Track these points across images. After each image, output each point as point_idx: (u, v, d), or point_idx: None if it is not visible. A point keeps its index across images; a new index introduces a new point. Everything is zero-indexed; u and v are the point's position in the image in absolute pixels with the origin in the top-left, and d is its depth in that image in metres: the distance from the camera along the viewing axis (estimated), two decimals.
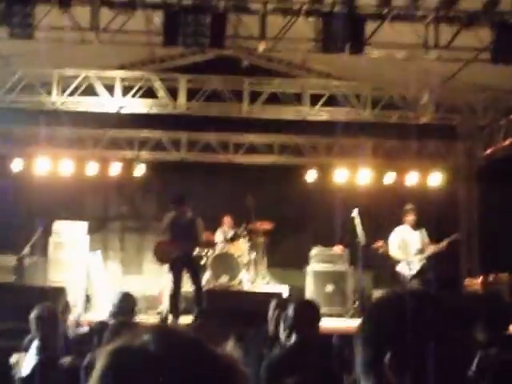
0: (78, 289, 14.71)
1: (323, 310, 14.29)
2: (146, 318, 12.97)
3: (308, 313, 6.32)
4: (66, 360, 6.56)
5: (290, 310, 6.28)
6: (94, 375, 1.36)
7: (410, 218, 13.34)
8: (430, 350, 1.75)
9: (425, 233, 13.43)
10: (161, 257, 13.02)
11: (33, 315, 6.59)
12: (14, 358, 6.84)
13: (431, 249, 13.30)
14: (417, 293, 2.05)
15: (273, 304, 7.00)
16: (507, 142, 15.49)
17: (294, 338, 6.04)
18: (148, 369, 1.33)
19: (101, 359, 1.37)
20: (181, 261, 12.61)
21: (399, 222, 13.57)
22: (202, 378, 1.36)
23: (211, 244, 15.19)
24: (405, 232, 13.33)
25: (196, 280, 12.81)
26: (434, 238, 13.64)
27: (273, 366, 5.74)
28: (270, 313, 7.11)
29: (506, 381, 5.25)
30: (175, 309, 12.62)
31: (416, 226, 13.37)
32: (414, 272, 13.15)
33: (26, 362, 6.40)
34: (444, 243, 13.31)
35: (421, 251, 13.19)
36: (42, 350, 6.20)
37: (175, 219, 12.88)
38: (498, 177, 16.16)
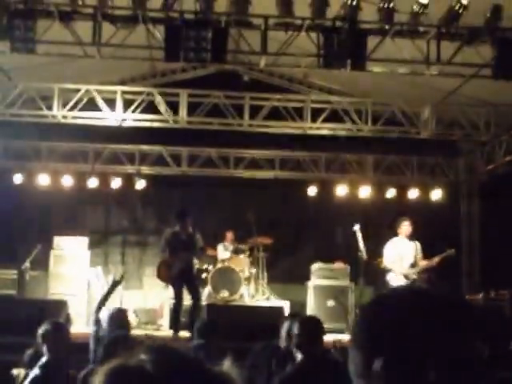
0: (79, 302, 14.72)
1: (325, 325, 14.34)
2: (147, 332, 13.01)
3: (313, 329, 6.32)
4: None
5: (296, 327, 6.27)
6: None
7: (405, 229, 13.20)
8: (428, 362, 1.52)
9: (419, 246, 13.22)
10: (164, 278, 13.18)
11: (42, 331, 6.47)
12: (15, 371, 6.78)
13: (423, 264, 13.17)
14: (421, 291, 1.78)
15: (286, 318, 6.99)
16: (508, 158, 15.48)
17: (299, 355, 6.02)
18: None
19: (97, 378, 1.34)
20: (181, 274, 12.71)
21: (395, 234, 13.49)
22: None
23: (212, 257, 15.21)
24: (399, 244, 13.21)
25: (195, 292, 12.87)
26: (436, 253, 13.58)
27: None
28: (283, 328, 7.06)
29: None
30: (175, 323, 12.66)
31: (411, 237, 13.24)
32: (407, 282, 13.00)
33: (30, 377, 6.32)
34: (437, 259, 13.18)
35: (413, 265, 13.09)
36: (49, 366, 6.13)
37: (176, 234, 13.01)
38: (500, 192, 16.15)
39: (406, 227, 13.18)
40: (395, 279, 12.98)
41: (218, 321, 10.29)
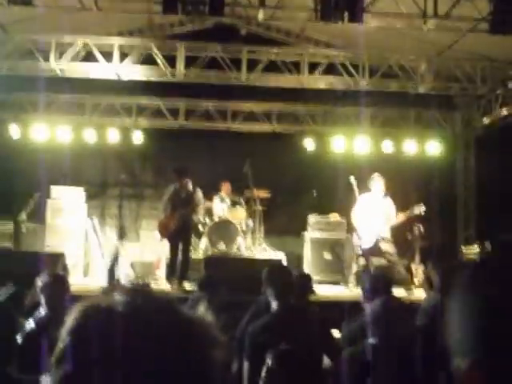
0: (76, 254, 14.84)
1: (321, 277, 14.55)
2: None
3: (287, 280, 6.45)
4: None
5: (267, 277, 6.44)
6: (64, 331, 1.36)
7: (377, 184, 13.08)
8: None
9: (391, 202, 13.01)
10: (163, 234, 13.37)
11: (40, 283, 6.45)
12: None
13: (390, 223, 13.05)
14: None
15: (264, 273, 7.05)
16: (504, 112, 15.55)
17: (275, 305, 6.13)
18: (112, 328, 1.31)
19: (72, 315, 1.36)
20: (178, 232, 12.94)
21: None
22: (169, 340, 1.33)
23: (208, 209, 15.29)
24: (370, 201, 13.16)
25: (186, 250, 13.07)
26: (432, 206, 13.64)
27: (255, 333, 5.79)
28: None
29: None
30: (171, 277, 12.86)
31: (383, 194, 13.11)
32: (367, 247, 12.96)
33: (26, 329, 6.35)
34: (404, 216, 13.06)
35: (380, 224, 12.94)
36: (47, 319, 6.13)
37: (176, 192, 13.19)
38: (496, 145, 16.23)
39: (376, 183, 13.02)
40: (359, 239, 13.00)
41: (216, 273, 10.44)
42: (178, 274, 12.66)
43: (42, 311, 6.23)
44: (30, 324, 6.13)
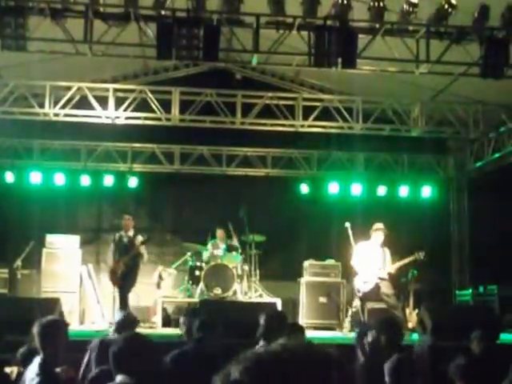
0: (72, 300, 14.77)
1: (317, 322, 14.48)
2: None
3: (277, 323, 6.49)
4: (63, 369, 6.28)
5: (262, 320, 6.62)
6: (235, 372, 1.66)
7: (378, 235, 13.21)
8: None
9: (388, 253, 13.19)
10: (113, 281, 13.95)
11: (37, 329, 6.27)
12: (8, 369, 6.64)
13: (390, 269, 13.14)
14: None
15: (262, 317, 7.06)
16: (497, 155, 15.62)
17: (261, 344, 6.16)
18: (279, 372, 1.63)
19: (241, 360, 1.68)
20: (124, 277, 13.73)
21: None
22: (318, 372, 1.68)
23: (205, 258, 15.35)
24: (369, 248, 13.25)
25: (123, 296, 13.61)
26: (426, 249, 13.65)
27: None
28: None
29: None
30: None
31: (381, 244, 13.23)
32: (367, 289, 13.10)
33: (26, 376, 6.17)
34: (402, 263, 13.17)
35: (380, 270, 13.05)
36: (45, 366, 5.94)
37: (120, 238, 14.11)
38: (488, 189, 16.29)
39: (377, 235, 13.17)
40: (360, 281, 13.07)
41: (212, 317, 10.36)
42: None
43: (39, 358, 6.06)
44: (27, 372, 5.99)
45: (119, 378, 4.45)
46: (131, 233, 14.09)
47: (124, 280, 13.66)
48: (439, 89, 14.31)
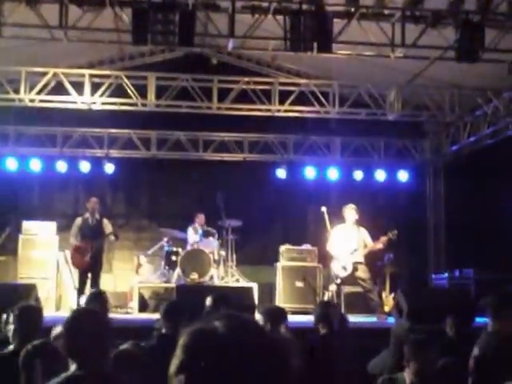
0: (49, 286, 14.74)
1: (293, 306, 14.53)
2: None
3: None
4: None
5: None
6: (177, 350, 1.68)
7: (351, 214, 13.36)
8: None
9: (364, 232, 13.40)
10: (77, 264, 13.93)
11: (13, 314, 6.19)
12: None
13: (366, 249, 13.30)
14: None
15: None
16: (472, 138, 15.72)
17: None
18: (216, 346, 1.63)
19: (182, 337, 1.69)
20: (91, 261, 13.61)
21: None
22: (261, 356, 1.64)
23: (181, 240, 15.39)
24: (343, 231, 13.38)
25: (96, 280, 13.58)
26: (403, 232, 13.75)
27: None
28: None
29: None
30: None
31: (356, 223, 13.38)
32: (346, 273, 13.22)
33: None
34: (380, 243, 13.31)
35: (355, 251, 13.20)
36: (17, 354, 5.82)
37: (85, 221, 14.05)
38: (464, 172, 16.40)
39: (350, 213, 13.36)
40: (337, 267, 13.20)
41: (188, 301, 10.40)
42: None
43: (11, 347, 6.00)
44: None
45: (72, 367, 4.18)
46: (97, 215, 14.05)
47: (95, 263, 13.63)
48: (415, 73, 14.34)
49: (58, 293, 15.26)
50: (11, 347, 5.91)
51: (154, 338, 7.07)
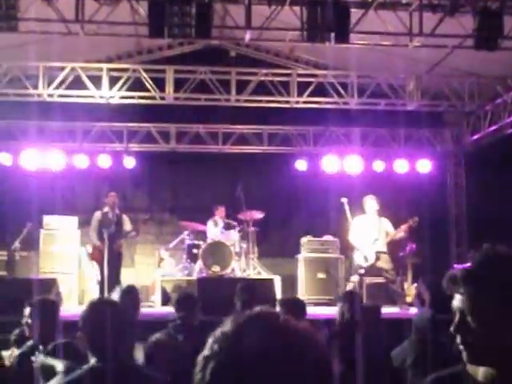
0: (70, 281, 14.79)
1: (315, 297, 14.51)
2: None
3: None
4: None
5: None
6: (204, 352, 1.55)
7: (372, 205, 13.28)
8: None
9: (386, 222, 13.29)
10: (97, 259, 13.93)
11: (29, 308, 6.15)
12: (4, 353, 6.51)
13: (388, 238, 13.23)
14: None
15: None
16: (493, 128, 15.59)
17: None
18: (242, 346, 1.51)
19: (209, 342, 1.56)
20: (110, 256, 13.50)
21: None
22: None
23: (202, 233, 15.38)
24: (364, 221, 13.31)
25: (114, 276, 13.49)
26: (425, 223, 13.68)
27: None
28: None
29: None
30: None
31: (377, 214, 13.30)
32: (369, 263, 13.17)
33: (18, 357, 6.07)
34: (401, 231, 13.21)
35: (377, 240, 13.13)
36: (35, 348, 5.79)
37: (105, 215, 14.04)
38: (485, 162, 16.27)
39: (371, 204, 13.28)
40: (359, 257, 13.15)
41: (209, 294, 10.43)
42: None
43: (30, 342, 5.94)
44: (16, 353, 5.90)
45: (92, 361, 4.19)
46: (117, 210, 14.08)
47: (115, 258, 13.64)
48: (434, 62, 14.24)
49: (80, 287, 15.31)
50: (30, 343, 5.91)
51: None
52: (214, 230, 15.43)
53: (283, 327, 1.57)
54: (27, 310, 6.09)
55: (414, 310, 11.92)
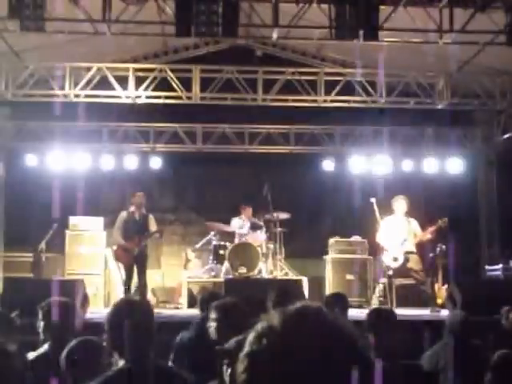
0: (97, 282, 14.75)
1: None
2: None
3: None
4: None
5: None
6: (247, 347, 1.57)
7: (401, 204, 13.14)
8: None
9: (414, 223, 13.21)
10: (123, 260, 13.74)
11: (44, 310, 6.01)
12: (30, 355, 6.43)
13: (416, 239, 13.09)
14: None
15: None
16: None
17: None
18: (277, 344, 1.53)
19: (251, 335, 1.58)
20: (137, 258, 13.33)
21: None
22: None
23: (228, 233, 15.27)
24: (393, 222, 13.16)
25: (142, 277, 13.32)
26: (455, 223, 13.50)
27: None
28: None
29: None
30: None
31: (406, 215, 13.16)
32: (398, 264, 12.99)
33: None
34: (429, 233, 13.08)
35: (405, 241, 12.98)
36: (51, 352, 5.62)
37: (130, 215, 13.75)
38: None
39: (400, 205, 13.17)
40: (388, 258, 13.01)
41: (237, 296, 10.27)
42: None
43: (46, 346, 5.73)
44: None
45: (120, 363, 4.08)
46: (144, 211, 13.86)
47: (141, 259, 13.43)
48: (464, 60, 14.04)
49: (106, 289, 15.27)
50: (46, 346, 5.75)
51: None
52: (240, 230, 15.32)
53: (331, 323, 1.58)
54: (39, 314, 5.99)
55: (445, 312, 11.77)
